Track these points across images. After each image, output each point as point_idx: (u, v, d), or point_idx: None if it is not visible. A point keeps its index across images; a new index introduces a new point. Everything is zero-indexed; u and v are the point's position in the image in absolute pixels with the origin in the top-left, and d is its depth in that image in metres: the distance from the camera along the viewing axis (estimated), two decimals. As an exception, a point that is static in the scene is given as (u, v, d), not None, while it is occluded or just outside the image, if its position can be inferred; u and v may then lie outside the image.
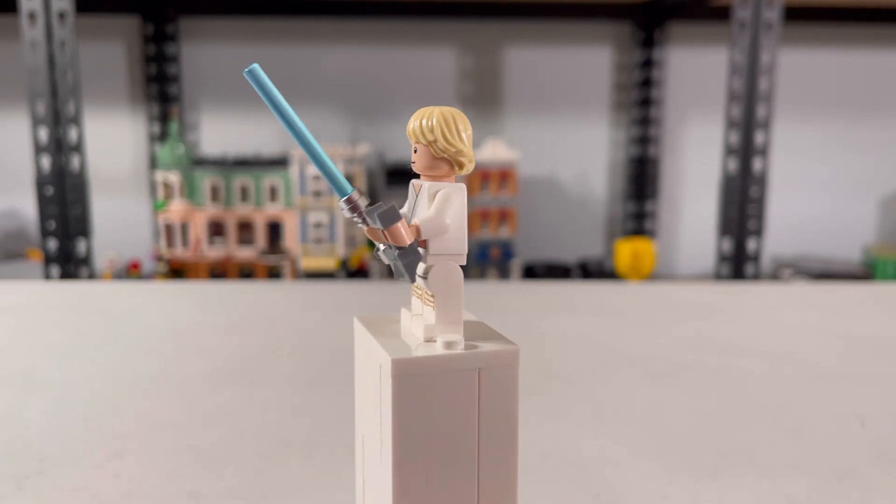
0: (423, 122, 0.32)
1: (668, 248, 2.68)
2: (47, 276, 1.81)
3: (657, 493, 0.46)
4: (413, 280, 0.32)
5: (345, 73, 2.51)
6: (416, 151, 0.33)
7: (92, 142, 2.25)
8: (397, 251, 0.31)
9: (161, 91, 2.45)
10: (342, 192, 0.32)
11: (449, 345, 0.31)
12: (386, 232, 0.31)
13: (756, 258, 1.86)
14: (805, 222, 2.65)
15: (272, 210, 2.21)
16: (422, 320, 0.33)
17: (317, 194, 2.18)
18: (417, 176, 0.34)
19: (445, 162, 0.33)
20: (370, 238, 0.34)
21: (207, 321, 0.91)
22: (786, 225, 2.60)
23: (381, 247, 0.33)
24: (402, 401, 0.30)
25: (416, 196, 0.33)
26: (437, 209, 0.32)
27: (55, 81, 1.75)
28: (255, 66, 0.29)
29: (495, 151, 2.23)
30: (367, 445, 0.34)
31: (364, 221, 0.32)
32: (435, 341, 0.32)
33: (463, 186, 0.33)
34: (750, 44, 1.77)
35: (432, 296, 0.33)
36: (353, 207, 0.32)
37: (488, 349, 0.32)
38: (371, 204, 0.33)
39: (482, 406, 0.32)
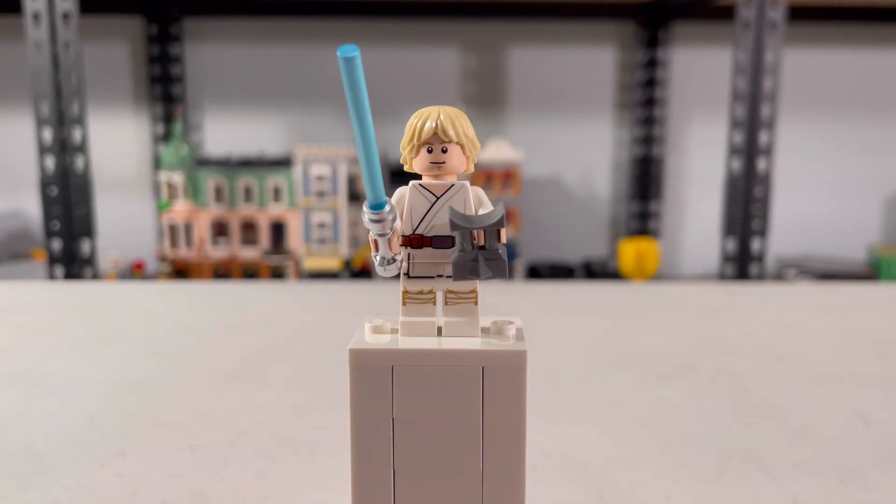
0: (455, 120, 0.32)
1: (671, 248, 2.67)
2: (51, 277, 1.81)
3: (661, 493, 0.46)
4: (508, 276, 0.32)
5: (348, 74, 2.50)
6: (444, 151, 0.32)
7: (96, 142, 2.25)
8: (501, 248, 0.31)
9: (165, 91, 2.45)
10: (378, 201, 0.31)
11: (518, 332, 0.33)
12: (500, 231, 0.31)
13: (760, 258, 1.85)
14: (809, 222, 2.64)
15: (276, 210, 2.22)
16: (458, 320, 0.33)
17: (320, 195, 2.18)
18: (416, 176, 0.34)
19: (467, 161, 0.33)
20: (388, 247, 0.32)
21: (211, 321, 0.91)
22: (790, 225, 2.59)
23: (386, 258, 0.32)
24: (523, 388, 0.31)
25: (438, 198, 0.33)
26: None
27: (59, 82, 1.75)
28: (356, 51, 0.27)
29: (499, 151, 2.23)
30: (433, 467, 0.32)
31: (384, 233, 0.31)
32: (502, 333, 0.33)
33: None
34: (754, 43, 1.77)
35: (470, 292, 0.33)
36: (382, 220, 0.31)
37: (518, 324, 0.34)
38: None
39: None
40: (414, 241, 0.33)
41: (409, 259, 0.33)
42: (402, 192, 0.33)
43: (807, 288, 1.17)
